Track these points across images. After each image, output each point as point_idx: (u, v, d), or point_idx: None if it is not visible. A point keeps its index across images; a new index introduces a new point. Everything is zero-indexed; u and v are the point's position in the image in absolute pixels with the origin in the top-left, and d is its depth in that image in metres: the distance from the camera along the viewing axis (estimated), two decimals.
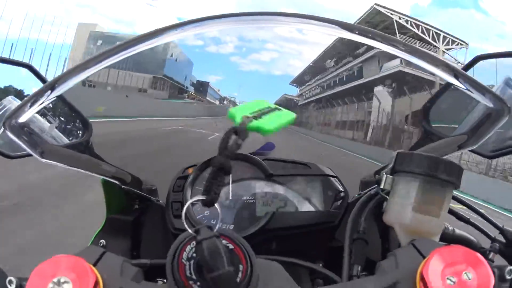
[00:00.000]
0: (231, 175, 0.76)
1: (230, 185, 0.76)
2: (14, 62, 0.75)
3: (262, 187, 0.78)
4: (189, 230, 0.38)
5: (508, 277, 0.36)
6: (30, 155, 0.54)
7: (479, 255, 0.37)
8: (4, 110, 0.64)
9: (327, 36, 0.58)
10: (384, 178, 0.52)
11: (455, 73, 0.54)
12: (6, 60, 0.74)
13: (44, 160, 0.54)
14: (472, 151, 0.62)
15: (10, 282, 0.37)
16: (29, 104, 0.53)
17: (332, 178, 0.79)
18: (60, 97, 0.63)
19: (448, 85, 0.73)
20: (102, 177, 0.65)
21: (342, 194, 0.77)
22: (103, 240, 0.71)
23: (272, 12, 0.54)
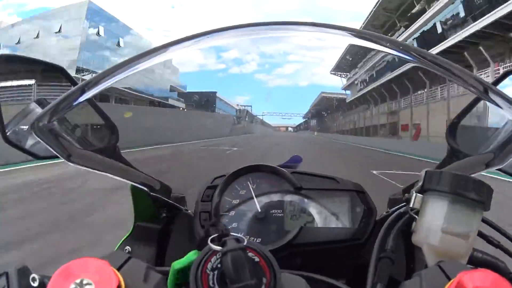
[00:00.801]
0: (253, 188, 0.77)
1: (255, 198, 0.76)
2: (46, 64, 0.77)
3: (290, 200, 0.77)
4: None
5: None
6: (58, 156, 0.55)
7: (506, 281, 0.35)
8: (33, 112, 0.66)
9: (342, 41, 0.58)
10: (413, 197, 0.51)
11: (485, 87, 0.52)
12: (39, 61, 0.77)
13: (71, 164, 0.55)
14: (499, 169, 0.60)
15: (34, 279, 0.37)
16: (57, 107, 0.54)
17: (360, 194, 0.77)
18: (89, 101, 0.64)
19: (477, 100, 0.71)
20: (131, 183, 0.65)
21: (370, 211, 0.75)
22: (128, 246, 0.71)
23: (284, 22, 0.55)
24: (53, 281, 0.34)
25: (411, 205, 0.51)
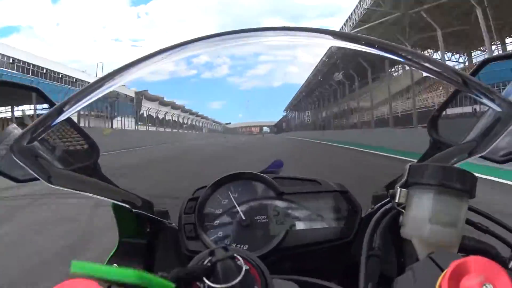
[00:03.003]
0: (235, 196, 0.77)
1: (238, 207, 0.76)
2: (22, 86, 0.76)
3: (273, 205, 0.77)
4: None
5: None
6: (38, 178, 0.54)
7: (498, 265, 0.36)
8: (11, 134, 0.65)
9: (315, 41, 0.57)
10: (398, 192, 0.51)
11: (463, 79, 0.53)
12: (15, 84, 0.75)
13: (51, 185, 0.54)
14: (482, 157, 0.61)
15: None
16: (36, 128, 0.54)
17: (344, 194, 0.78)
18: (67, 120, 0.64)
19: (456, 92, 0.72)
20: (112, 201, 0.65)
21: (354, 209, 0.76)
22: (115, 264, 0.69)
23: (260, 28, 0.54)
24: None
25: (396, 200, 0.51)
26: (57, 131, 0.67)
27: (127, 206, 0.65)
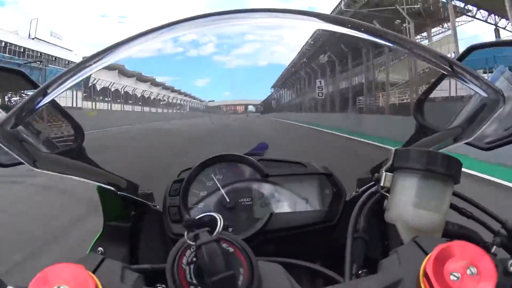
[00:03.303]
0: (220, 178, 0.77)
1: (222, 189, 0.76)
2: (5, 69, 0.74)
3: (258, 188, 0.77)
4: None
5: (511, 270, 0.36)
6: (23, 163, 0.53)
7: (482, 249, 0.37)
8: None
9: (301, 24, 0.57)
10: (383, 176, 0.52)
11: (450, 64, 0.54)
12: None
13: (37, 170, 0.53)
14: (467, 143, 0.62)
15: None
16: (20, 112, 0.52)
17: (329, 177, 0.78)
18: (52, 103, 0.63)
19: (442, 77, 0.73)
20: (97, 183, 0.64)
21: (339, 192, 0.76)
22: (101, 248, 0.70)
23: (247, 9, 0.54)
24: None
25: (381, 184, 0.52)
26: (42, 114, 0.65)
27: (112, 188, 0.65)
